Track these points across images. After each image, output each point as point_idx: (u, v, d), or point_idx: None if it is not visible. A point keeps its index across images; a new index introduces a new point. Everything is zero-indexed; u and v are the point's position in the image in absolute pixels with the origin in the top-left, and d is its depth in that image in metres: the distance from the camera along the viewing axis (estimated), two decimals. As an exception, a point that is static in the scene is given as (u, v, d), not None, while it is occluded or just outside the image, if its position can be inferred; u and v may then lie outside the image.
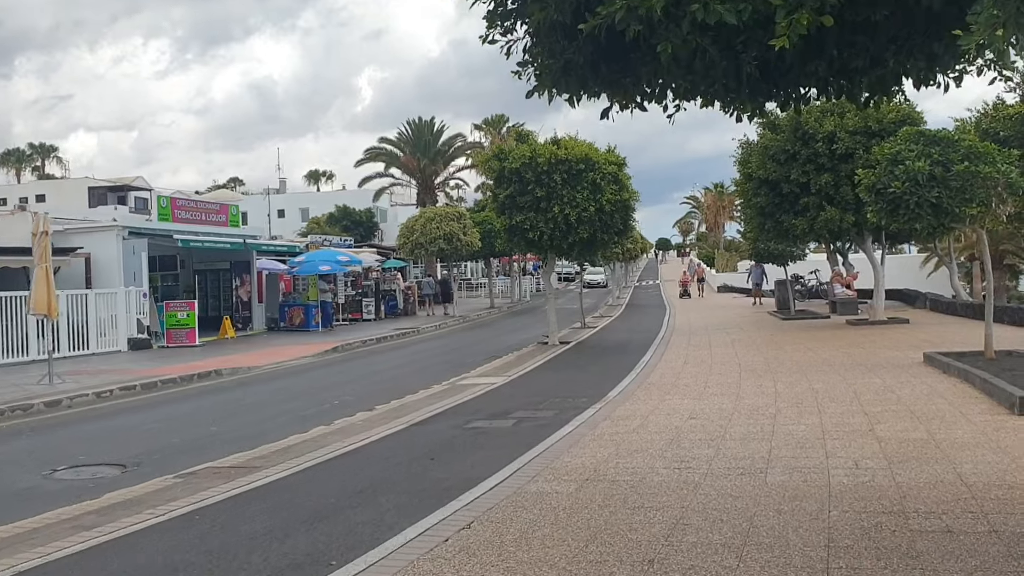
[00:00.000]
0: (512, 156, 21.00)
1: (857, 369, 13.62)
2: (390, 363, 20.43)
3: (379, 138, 59.14)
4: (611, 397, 12.02)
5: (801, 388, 11.85)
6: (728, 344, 19.61)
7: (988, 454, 7.17)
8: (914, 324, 22.71)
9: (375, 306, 36.80)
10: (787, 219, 23.08)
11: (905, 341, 18.09)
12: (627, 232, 22.77)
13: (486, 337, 27.37)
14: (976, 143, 12.10)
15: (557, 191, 20.30)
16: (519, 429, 10.08)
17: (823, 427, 8.92)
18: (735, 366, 15.03)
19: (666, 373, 14.60)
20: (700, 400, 11.30)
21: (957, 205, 11.86)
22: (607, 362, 17.41)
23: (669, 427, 9.44)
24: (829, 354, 16.17)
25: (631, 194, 21.59)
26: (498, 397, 13.02)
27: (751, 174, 23.81)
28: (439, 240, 36.15)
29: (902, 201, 12.08)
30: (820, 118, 22.53)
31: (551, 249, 21.76)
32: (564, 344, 22.00)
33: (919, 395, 10.57)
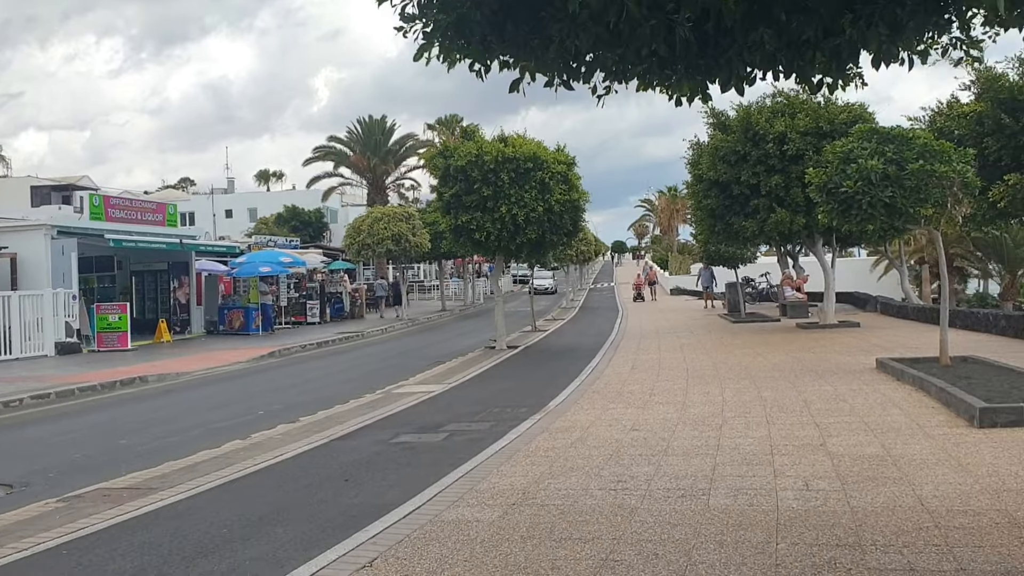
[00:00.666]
0: (458, 153, 20.28)
1: (807, 375, 13.12)
2: (327, 369, 19.53)
3: (328, 137, 58.16)
4: (552, 407, 11.33)
5: (749, 396, 11.29)
6: (677, 348, 19.09)
7: (949, 473, 6.61)
8: (865, 328, 22.44)
9: (320, 309, 35.76)
10: (737, 221, 22.66)
11: (856, 346, 17.72)
12: (577, 233, 22.17)
13: (433, 341, 26.56)
14: (931, 141, 11.65)
15: (504, 190, 19.62)
16: (449, 444, 9.33)
17: (771, 440, 8.32)
18: (683, 372, 14.46)
19: (612, 380, 13.97)
20: (644, 409, 10.67)
21: (912, 205, 11.40)
22: (553, 368, 16.75)
23: (610, 440, 8.78)
24: (779, 359, 15.69)
25: (581, 194, 20.99)
26: (433, 407, 12.26)
27: (702, 175, 23.38)
28: (387, 241, 35.22)
29: (854, 201, 11.58)
30: (771, 119, 22.16)
31: (499, 250, 21.07)
32: (512, 348, 21.31)
33: (873, 404, 10.06)
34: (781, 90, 23.23)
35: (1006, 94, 14.26)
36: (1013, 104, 14.18)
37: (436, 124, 65.84)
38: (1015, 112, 14.08)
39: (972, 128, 14.15)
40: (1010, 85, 14.24)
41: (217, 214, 77.21)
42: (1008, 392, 9.42)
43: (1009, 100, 14.23)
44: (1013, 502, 5.73)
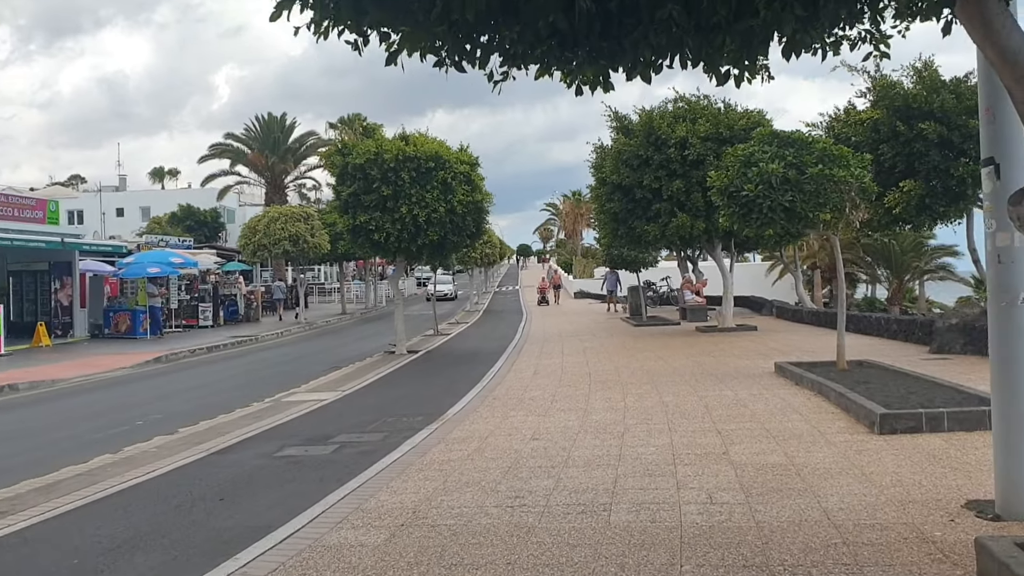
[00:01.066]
0: (356, 151, 19.59)
1: (708, 380, 13.04)
2: (216, 376, 18.54)
3: (225, 134, 55.91)
4: (451, 415, 10.85)
5: (651, 401, 11.07)
6: (580, 352, 18.88)
7: (854, 483, 6.44)
8: (762, 331, 22.77)
9: (213, 312, 34.27)
10: (640, 225, 22.68)
11: (754, 349, 17.86)
12: (480, 235, 21.76)
13: (331, 345, 25.70)
14: (830, 146, 11.71)
15: (405, 190, 19.04)
16: (338, 457, 8.74)
17: (674, 449, 8.06)
18: (585, 376, 14.20)
19: (514, 385, 13.59)
20: (546, 417, 10.30)
21: (811, 210, 11.42)
22: (454, 373, 16.27)
23: (508, 451, 8.36)
24: (680, 363, 15.63)
25: (484, 195, 20.58)
26: (325, 417, 11.62)
27: (605, 179, 23.32)
28: (284, 242, 34.12)
29: (755, 205, 11.53)
30: (672, 124, 22.26)
31: (399, 252, 20.45)
32: (412, 353, 20.72)
33: (773, 410, 9.96)
34: (683, 95, 23.45)
35: (901, 102, 14.57)
36: (907, 112, 14.48)
37: (339, 123, 64.24)
38: (909, 119, 14.39)
39: (868, 135, 14.39)
40: (905, 93, 14.56)
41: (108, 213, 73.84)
42: (905, 397, 9.44)
43: (904, 108, 14.54)
44: (919, 514, 5.57)
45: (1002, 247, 5.36)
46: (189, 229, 59.96)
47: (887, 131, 14.68)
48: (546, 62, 4.67)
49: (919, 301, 41.54)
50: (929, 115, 14.22)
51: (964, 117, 14.11)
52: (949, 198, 14.24)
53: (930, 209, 14.34)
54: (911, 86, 14.64)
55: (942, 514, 5.56)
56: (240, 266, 39.14)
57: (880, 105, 14.84)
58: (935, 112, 14.19)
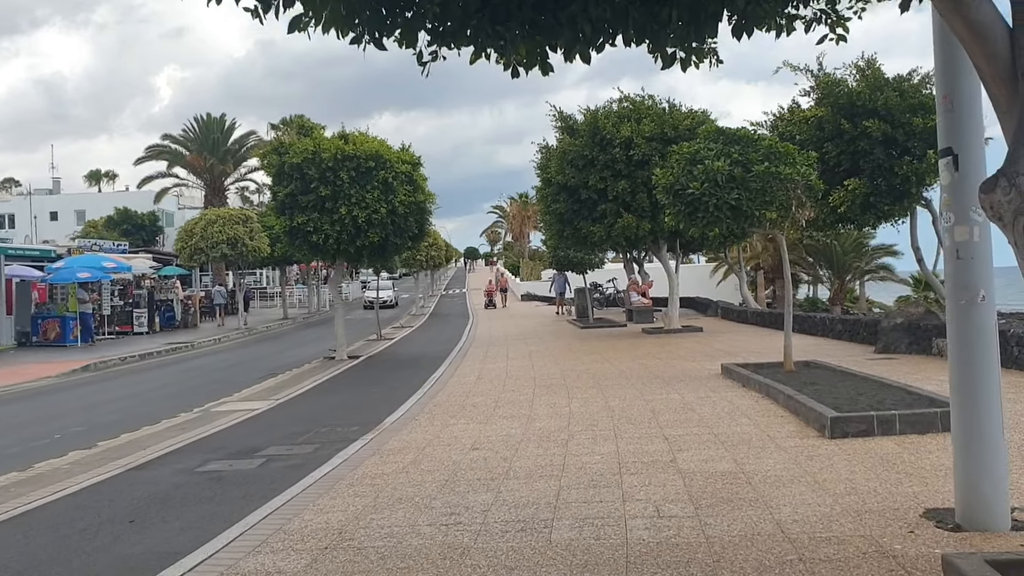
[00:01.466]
0: (293, 150, 18.96)
1: (654, 383, 12.74)
2: (146, 385, 17.70)
3: (162, 135, 54.37)
4: (388, 424, 10.35)
5: (597, 406, 10.71)
6: (526, 356, 18.49)
7: (807, 492, 6.12)
8: (708, 333, 22.65)
9: (148, 318, 33.12)
10: (585, 226, 22.40)
11: (700, 351, 17.67)
12: (423, 237, 21.25)
13: (270, 352, 24.92)
14: (776, 143, 11.50)
15: (344, 190, 18.46)
16: (264, 472, 8.19)
17: (620, 457, 7.69)
18: (530, 381, 13.80)
19: (456, 391, 13.12)
20: (487, 424, 9.86)
21: (757, 208, 11.19)
22: (395, 379, 15.73)
23: (447, 463, 7.90)
24: (626, 366, 15.33)
25: (427, 196, 20.09)
26: (255, 427, 11.01)
27: (550, 179, 22.99)
28: (222, 245, 33.10)
29: (701, 203, 11.26)
30: (617, 123, 22.03)
31: (338, 254, 19.85)
32: (353, 359, 20.12)
33: (721, 414, 9.66)
34: (628, 95, 23.24)
35: (845, 100, 14.48)
36: (852, 110, 14.39)
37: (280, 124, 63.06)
38: (854, 117, 14.29)
39: (813, 133, 14.28)
40: (849, 91, 14.46)
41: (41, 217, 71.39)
42: (855, 399, 9.22)
43: (848, 106, 14.45)
44: (877, 525, 5.26)
45: (961, 242, 5.08)
46: (126, 233, 58.14)
47: (831, 129, 14.58)
48: (479, 41, 4.25)
49: (859, 301, 42.18)
50: (873, 113, 14.14)
51: (908, 115, 14.07)
52: (893, 196, 14.17)
53: (875, 208, 14.26)
54: (855, 84, 14.56)
55: (901, 524, 5.27)
56: (177, 270, 37.97)
57: (824, 103, 14.73)
58: (879, 110, 14.11)
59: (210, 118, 52.93)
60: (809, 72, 15.35)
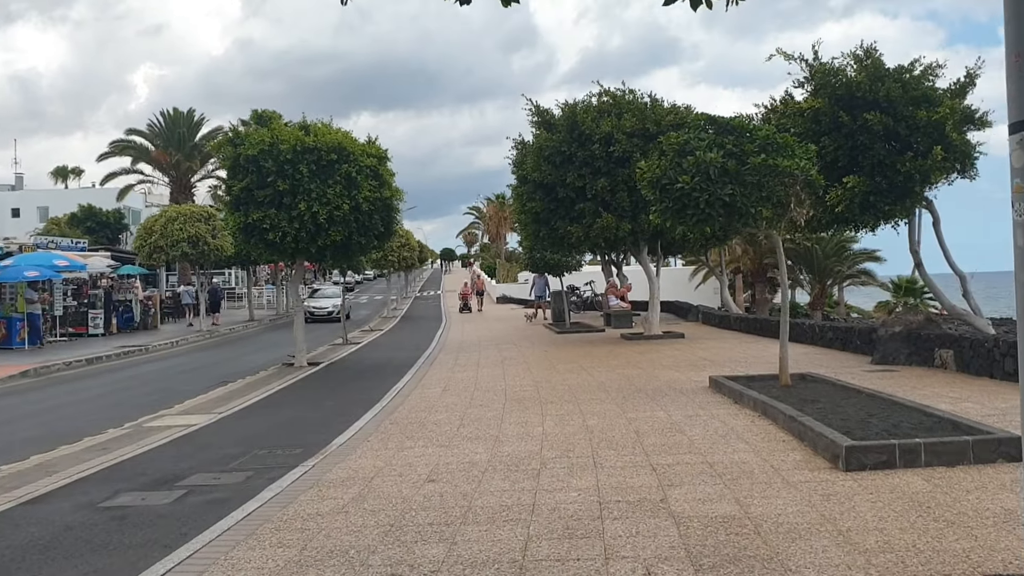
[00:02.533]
0: (249, 141, 17.61)
1: (637, 397, 11.57)
2: (83, 394, 16.29)
3: (127, 129, 52.57)
4: (336, 446, 9.09)
5: (573, 426, 9.52)
6: (498, 363, 17.27)
7: (831, 548, 4.94)
8: (690, 339, 21.57)
9: (104, 319, 31.54)
10: (563, 225, 21.23)
11: (684, 359, 16.55)
12: (390, 235, 19.93)
13: (227, 357, 23.51)
14: (773, 133, 10.36)
15: (304, 185, 17.15)
16: (179, 510, 6.90)
17: (600, 494, 6.49)
18: (500, 393, 12.58)
19: (418, 405, 11.87)
20: (449, 448, 8.63)
21: (752, 204, 10.05)
22: (353, 390, 14.46)
23: (396, 499, 6.67)
24: (605, 376, 14.16)
25: (394, 192, 18.79)
26: (186, 448, 9.70)
27: (526, 177, 21.78)
28: (182, 243, 31.62)
29: (691, 199, 10.09)
30: (597, 118, 20.91)
31: (297, 253, 18.52)
32: (313, 366, 18.81)
33: (714, 437, 8.50)
34: (607, 89, 22.12)
35: (844, 90, 13.36)
36: (851, 101, 13.27)
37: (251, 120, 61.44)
38: (853, 109, 13.18)
39: (808, 126, 13.17)
40: (848, 81, 13.34)
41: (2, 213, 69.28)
42: (865, 422, 8.08)
43: (846, 97, 13.33)
44: (934, 605, 4.10)
45: (1042, 240, 3.92)
46: (90, 231, 56.20)
47: (828, 122, 13.47)
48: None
49: (838, 306, 41.41)
50: (874, 104, 13.04)
51: (911, 108, 12.98)
52: (895, 195, 13.08)
53: (874, 208, 13.17)
54: (853, 75, 13.47)
55: (961, 601, 4.11)
56: (138, 270, 36.35)
57: (821, 94, 13.61)
58: (880, 101, 13.01)
59: (177, 113, 51.25)
60: (804, 61, 14.24)
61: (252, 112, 18.68)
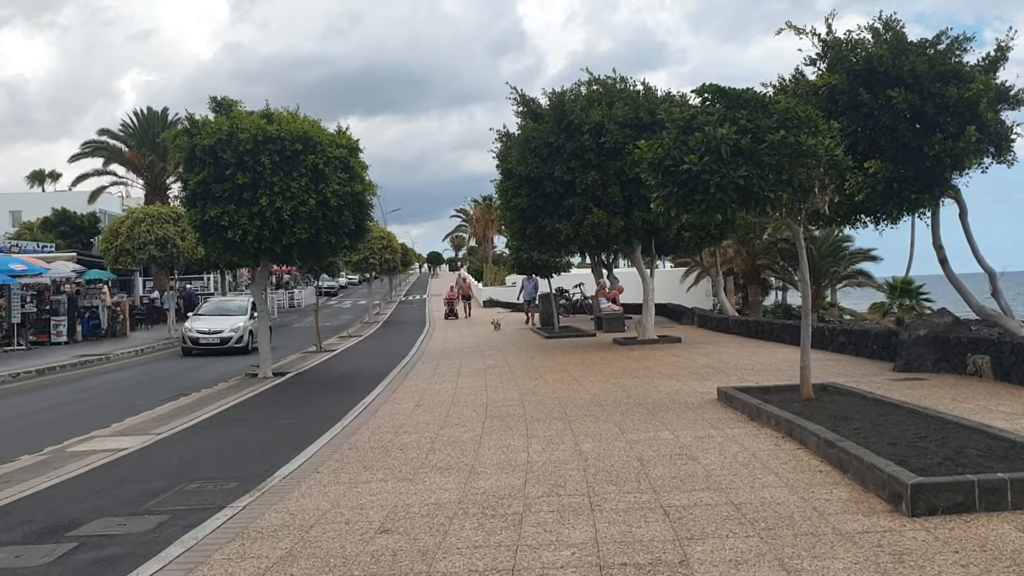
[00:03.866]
0: (205, 130, 16.06)
1: (636, 413, 10.08)
2: (20, 410, 14.64)
3: (99, 130, 50.77)
4: (277, 480, 7.55)
5: (564, 451, 8.02)
6: (480, 372, 15.75)
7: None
8: (687, 343, 20.11)
9: (68, 326, 29.84)
10: (550, 223, 19.73)
11: (684, 366, 15.09)
12: (363, 234, 18.38)
13: (193, 366, 21.90)
14: (795, 106, 8.89)
15: (265, 178, 15.62)
16: (56, 573, 5.35)
17: (600, 554, 5.00)
18: (481, 409, 11.07)
19: (385, 425, 10.34)
20: (412, 482, 7.11)
21: (771, 188, 8.58)
22: (316, 405, 12.92)
23: (335, 561, 5.15)
24: (598, 387, 12.67)
25: (366, 186, 17.27)
26: (101, 481, 8.13)
27: (511, 170, 20.26)
28: (150, 246, 29.94)
29: (700, 182, 8.61)
30: (587, 107, 19.42)
31: (260, 253, 16.96)
32: (279, 376, 17.25)
33: (735, 466, 7.01)
34: (598, 77, 20.66)
35: (863, 65, 11.90)
36: (872, 77, 11.82)
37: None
38: (874, 86, 11.73)
39: (824, 106, 11.70)
40: (868, 54, 11.89)
41: (-39, 216, 67.18)
42: (919, 447, 6.61)
43: (866, 72, 11.88)
44: None
45: None
46: (63, 235, 54.29)
47: (846, 101, 12.01)
48: None
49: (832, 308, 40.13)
50: (898, 81, 11.60)
51: (939, 84, 11.56)
52: (921, 182, 11.65)
53: (898, 196, 11.74)
54: (873, 48, 12.04)
55: None
56: (105, 274, 34.62)
57: (838, 69, 12.17)
58: (904, 77, 11.58)
59: (151, 112, 49.50)
60: (816, 36, 12.80)
61: (211, 99, 17.05)
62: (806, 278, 9.84)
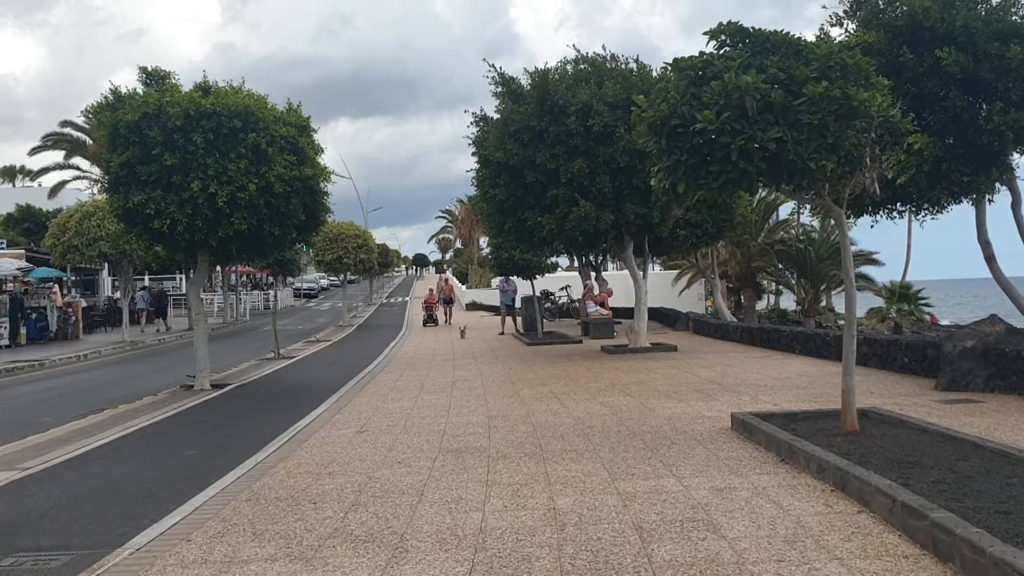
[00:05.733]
0: (130, 104, 13.84)
1: (631, 447, 7.93)
2: None
3: (61, 121, 48.19)
4: (126, 554, 5.33)
5: (533, 511, 5.85)
6: (447, 387, 13.57)
7: None
8: (684, 352, 17.99)
9: (11, 329, 27.46)
10: (531, 217, 17.56)
11: (684, 380, 12.96)
12: (316, 225, 16.08)
13: (132, 375, 19.62)
14: (839, 51, 6.77)
15: (198, 159, 13.40)
16: None
17: None
18: (436, 438, 8.89)
19: (309, 461, 8.14)
20: (309, 566, 4.92)
21: (811, 155, 6.47)
22: (240, 430, 10.70)
23: None
24: (584, 408, 10.52)
25: (319, 171, 15.03)
26: None
27: (488, 158, 18.07)
28: (100, 242, 27.60)
29: (717, 146, 6.49)
30: (573, 87, 17.28)
31: (194, 247, 14.75)
32: (217, 388, 15.03)
33: (776, 545, 4.86)
34: (585, 55, 18.52)
35: (905, 20, 9.81)
36: (915, 34, 9.73)
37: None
38: (918, 46, 9.64)
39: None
40: (911, 7, 9.79)
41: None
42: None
43: (910, 28, 9.78)
44: None
45: None
46: (27, 232, 51.80)
47: (886, 64, 9.88)
48: None
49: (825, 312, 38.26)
50: (947, 39, 9.52)
51: (997, 44, 9.49)
52: (975, 162, 9.58)
53: (947, 179, 9.67)
54: (917, 0, 9.96)
55: None
56: (53, 272, 32.24)
57: (874, 24, 10.07)
58: (956, 34, 9.51)
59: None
60: (843, -9, 10.69)
61: (139, 69, 14.82)
62: (850, 275, 7.67)
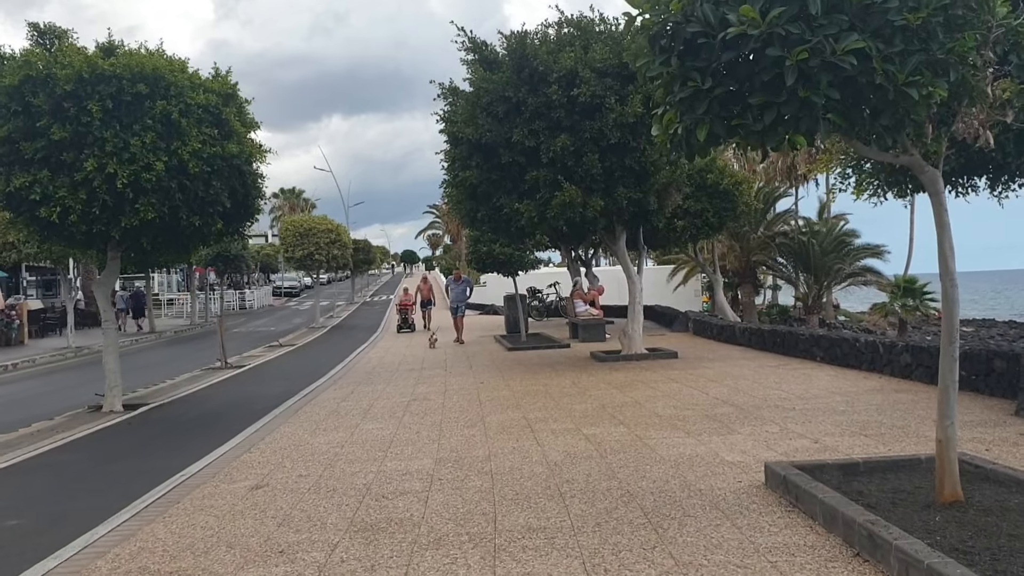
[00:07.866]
0: (9, 65, 11.28)
1: (625, 522, 5.50)
2: None
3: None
4: None
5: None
6: (399, 410, 11.08)
7: None
8: (686, 360, 15.54)
9: (-58, 334, 24.95)
10: (508, 203, 15.06)
11: (690, 400, 10.50)
12: (251, 214, 13.53)
13: (50, 389, 17.10)
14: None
15: (93, 132, 10.88)
16: None
17: None
18: (352, 503, 6.40)
19: (153, 547, 5.68)
20: None
21: (909, 77, 4.02)
22: (107, 479, 8.20)
23: None
24: (564, 447, 8.04)
25: (248, 147, 12.50)
26: None
27: (458, 136, 15.54)
28: (24, 239, 24.95)
29: (765, 63, 4.02)
30: (555, 51, 14.78)
31: (92, 240, 12.23)
32: (129, 410, 12.58)
33: None
34: (569, 17, 15.99)
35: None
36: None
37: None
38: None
39: None
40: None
41: None
42: None
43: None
44: None
45: None
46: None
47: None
48: None
49: (827, 308, 36.03)
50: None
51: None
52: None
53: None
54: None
55: None
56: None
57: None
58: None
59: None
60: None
61: (28, 25, 12.27)
62: (950, 269, 5.14)
